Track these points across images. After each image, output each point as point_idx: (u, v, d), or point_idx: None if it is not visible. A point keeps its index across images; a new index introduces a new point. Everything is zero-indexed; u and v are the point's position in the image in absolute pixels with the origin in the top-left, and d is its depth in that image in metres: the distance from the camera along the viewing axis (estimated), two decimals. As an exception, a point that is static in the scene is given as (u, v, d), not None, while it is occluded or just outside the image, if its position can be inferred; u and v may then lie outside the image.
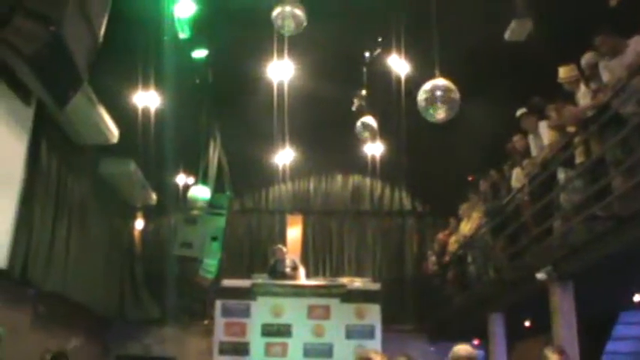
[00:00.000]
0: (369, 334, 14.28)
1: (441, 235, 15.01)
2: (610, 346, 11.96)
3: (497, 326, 11.84)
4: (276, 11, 9.42)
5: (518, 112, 10.37)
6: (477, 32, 10.63)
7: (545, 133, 9.83)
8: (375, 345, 13.96)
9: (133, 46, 10.71)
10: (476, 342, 13.67)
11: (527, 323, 12.40)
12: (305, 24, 9.54)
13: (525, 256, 10.02)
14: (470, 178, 13.71)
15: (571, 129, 8.78)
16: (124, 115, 11.91)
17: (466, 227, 13.10)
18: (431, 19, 8.55)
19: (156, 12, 9.71)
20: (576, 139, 8.53)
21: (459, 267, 13.35)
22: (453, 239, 14.00)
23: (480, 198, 12.76)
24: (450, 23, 9.23)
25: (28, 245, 9.90)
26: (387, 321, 14.58)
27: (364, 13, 11.06)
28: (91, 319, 13.33)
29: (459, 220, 13.89)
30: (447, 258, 14.22)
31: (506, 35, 9.67)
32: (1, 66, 8.79)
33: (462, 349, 5.52)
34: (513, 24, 9.52)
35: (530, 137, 10.37)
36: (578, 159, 8.56)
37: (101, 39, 8.34)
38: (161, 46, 10.47)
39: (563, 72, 9.02)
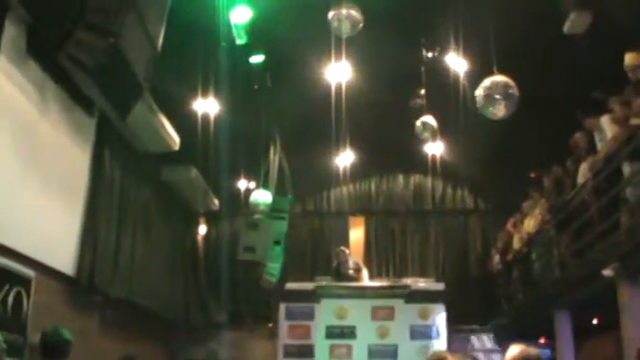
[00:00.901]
0: (433, 334, 14.14)
1: (505, 231, 14.79)
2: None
3: (563, 324, 11.60)
4: (331, 13, 9.42)
5: (579, 112, 10.18)
6: (535, 27, 10.46)
7: (609, 126, 9.61)
8: (440, 345, 13.84)
9: (191, 54, 10.83)
10: (542, 341, 13.45)
11: (594, 321, 12.15)
12: (361, 25, 9.52)
13: (591, 253, 9.82)
14: (532, 175, 13.49)
15: (635, 121, 8.56)
16: (184, 122, 12.05)
17: (529, 225, 12.90)
18: (488, 16, 8.47)
19: (212, 19, 9.78)
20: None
21: (524, 265, 13.15)
22: (516, 237, 13.80)
23: (543, 195, 12.56)
24: (508, 19, 9.13)
25: (94, 253, 10.08)
26: (452, 321, 14.42)
27: (421, 12, 10.99)
28: (156, 324, 13.49)
29: (522, 218, 13.68)
30: (510, 256, 14.02)
31: (565, 28, 9.50)
32: (65, 79, 8.99)
33: (517, 348, 5.43)
34: (572, 16, 9.35)
35: (594, 132, 10.16)
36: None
37: (159, 48, 8.45)
38: (218, 53, 10.55)
39: (630, 58, 8.76)
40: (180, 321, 14.80)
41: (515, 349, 5.48)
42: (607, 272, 8.85)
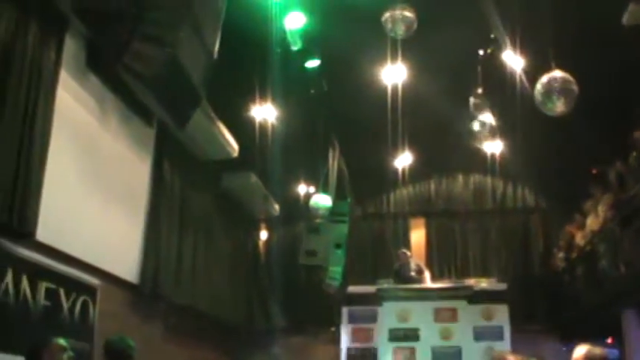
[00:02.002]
0: (497, 335, 13.99)
1: (568, 229, 14.56)
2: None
3: (631, 323, 11.35)
4: (385, 15, 9.39)
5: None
6: (594, 20, 10.27)
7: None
8: (504, 346, 13.69)
9: (247, 61, 10.91)
10: (609, 340, 13.18)
11: (665, 320, 11.86)
12: (415, 26, 9.47)
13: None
14: (594, 171, 13.26)
15: None
16: (242, 129, 12.15)
17: (593, 222, 12.67)
18: (545, 11, 8.36)
19: (266, 26, 9.83)
20: None
21: (588, 263, 12.92)
22: (580, 235, 13.56)
23: (605, 191, 12.32)
24: (565, 14, 9.00)
25: (156, 260, 10.23)
26: (516, 321, 14.25)
27: (477, 9, 10.88)
28: (219, 330, 13.62)
29: (584, 215, 13.44)
30: (574, 254, 13.78)
31: (624, 19, 9.31)
32: (123, 90, 9.15)
33: (583, 349, 5.33)
34: (631, 7, 9.16)
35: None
36: None
37: (215, 56, 8.53)
38: (274, 59, 10.60)
39: None
40: (243, 327, 14.91)
41: (581, 349, 5.38)
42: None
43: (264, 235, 16.56)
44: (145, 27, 7.34)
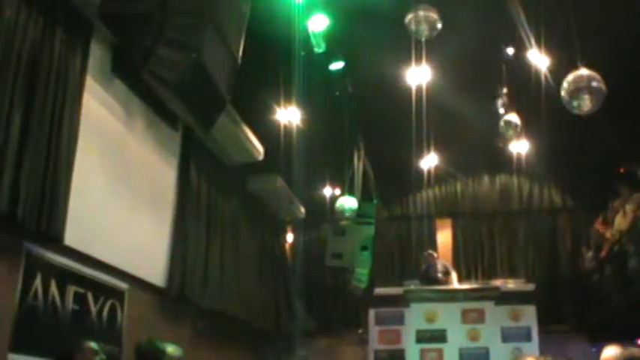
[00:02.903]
0: (525, 336, 13.87)
1: (596, 228, 14.45)
2: None
3: (661, 324, 11.29)
4: (409, 16, 9.37)
5: None
6: (618, 16, 10.19)
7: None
8: (532, 347, 13.59)
9: (271, 64, 10.93)
10: (639, 341, 13.06)
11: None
12: (439, 26, 9.44)
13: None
14: (622, 170, 13.15)
15: None
16: (267, 132, 12.18)
17: (622, 222, 12.57)
18: (570, 9, 8.31)
19: (290, 29, 9.86)
20: None
21: (618, 262, 12.81)
22: (608, 234, 13.45)
23: (634, 190, 12.22)
24: (590, 12, 8.94)
25: (184, 264, 10.28)
26: (544, 322, 14.12)
27: (501, 8, 10.84)
28: (247, 332, 13.65)
29: (612, 215, 13.33)
30: (603, 253, 13.67)
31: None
32: (149, 95, 9.21)
33: (612, 349, 5.28)
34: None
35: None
36: None
37: (240, 60, 8.55)
38: (298, 62, 10.62)
39: None
40: (271, 329, 14.92)
41: (610, 349, 5.33)
42: None
43: (290, 237, 16.58)
44: (169, 32, 7.39)
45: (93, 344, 5.81)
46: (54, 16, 7.20)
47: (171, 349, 5.97)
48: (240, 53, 8.46)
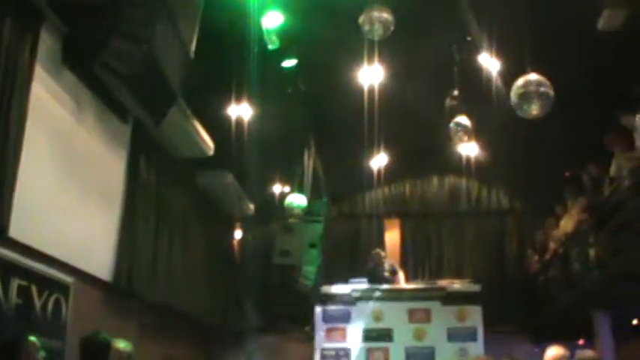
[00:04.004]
0: (471, 336, 14.10)
1: (542, 231, 14.70)
2: None
3: (602, 325, 11.50)
4: (362, 16, 9.41)
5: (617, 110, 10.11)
6: (570, 24, 10.35)
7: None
8: (477, 347, 13.83)
9: (224, 59, 10.88)
10: (581, 342, 13.31)
11: (634, 321, 12.01)
12: (393, 27, 9.49)
13: (630, 252, 9.70)
14: (567, 174, 13.39)
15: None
16: (218, 128, 12.10)
17: (567, 224, 12.79)
18: (521, 14, 8.43)
19: (244, 24, 9.82)
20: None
21: (562, 265, 13.04)
22: (553, 237, 13.68)
23: (579, 193, 12.45)
24: (541, 17, 9.06)
25: (131, 258, 10.17)
26: (489, 322, 14.35)
27: (453, 12, 10.95)
28: (194, 328, 13.59)
29: (558, 218, 13.57)
30: (548, 256, 13.90)
31: (599, 24, 9.38)
32: (99, 87, 9.09)
33: (553, 350, 5.39)
34: (606, 12, 9.22)
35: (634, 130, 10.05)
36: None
37: (192, 54, 8.52)
38: (251, 58, 10.59)
39: None
40: (218, 325, 14.87)
41: (553, 349, 5.44)
42: (647, 271, 8.77)
43: (239, 234, 16.52)
44: (122, 24, 7.32)
45: (35, 339, 5.72)
46: (3, 3, 7.05)
47: (122, 344, 5.93)
48: (193, 47, 8.43)
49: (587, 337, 12.71)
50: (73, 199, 8.65)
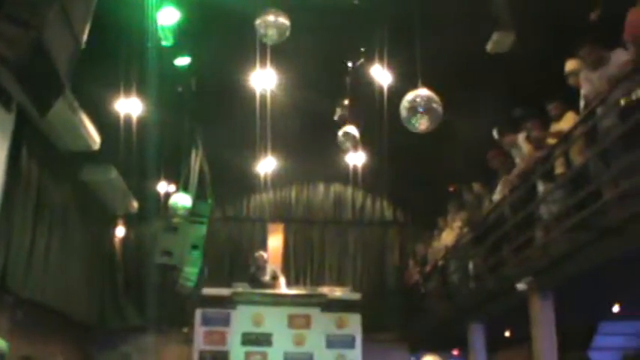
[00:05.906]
0: (349, 343, 14.27)
1: (423, 243, 15.06)
2: (590, 357, 12.03)
3: (477, 336, 11.87)
4: (259, 19, 9.41)
5: (495, 132, 10.49)
6: (461, 43, 10.64)
7: (524, 145, 9.90)
8: (355, 354, 14.01)
9: (116, 53, 10.67)
10: (455, 352, 13.70)
11: (507, 333, 12.43)
12: (288, 33, 9.53)
13: (506, 267, 10.06)
14: (451, 189, 13.75)
15: (551, 141, 8.84)
16: (105, 122, 11.87)
17: (448, 237, 13.14)
18: (414, 30, 8.59)
19: (139, 19, 9.66)
20: (557, 152, 8.60)
21: (441, 277, 13.38)
22: (434, 249, 14.02)
23: (461, 208, 12.81)
24: (433, 34, 9.26)
25: (6, 251, 9.83)
26: (368, 330, 14.58)
27: (347, 23, 11.08)
28: (70, 326, 13.24)
29: (440, 230, 13.92)
30: (428, 268, 14.24)
31: (488, 47, 9.66)
32: (-17, 71, 8.75)
33: (429, 359, 5.56)
34: (495, 36, 9.52)
35: (512, 150, 10.43)
36: (559, 170, 8.62)
37: (83, 45, 8.29)
38: (144, 53, 10.43)
39: (569, 65, 8.77)
40: (96, 324, 14.56)
41: (428, 359, 5.60)
42: (520, 286, 9.10)
43: (121, 231, 16.21)
44: (9, 7, 7.07)
45: None
46: None
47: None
48: (85, 38, 8.21)
49: (462, 347, 13.08)
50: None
